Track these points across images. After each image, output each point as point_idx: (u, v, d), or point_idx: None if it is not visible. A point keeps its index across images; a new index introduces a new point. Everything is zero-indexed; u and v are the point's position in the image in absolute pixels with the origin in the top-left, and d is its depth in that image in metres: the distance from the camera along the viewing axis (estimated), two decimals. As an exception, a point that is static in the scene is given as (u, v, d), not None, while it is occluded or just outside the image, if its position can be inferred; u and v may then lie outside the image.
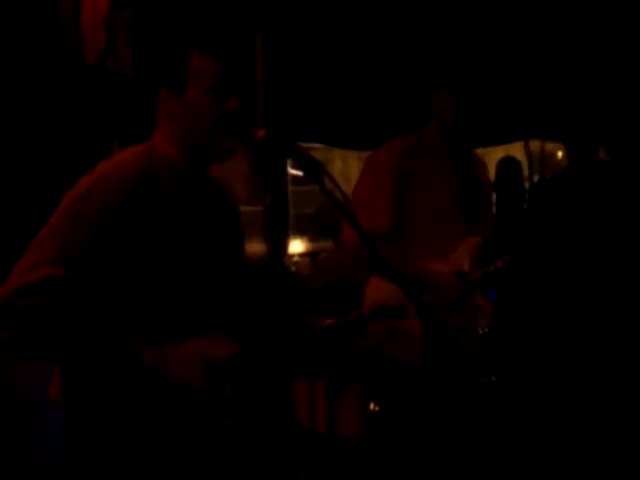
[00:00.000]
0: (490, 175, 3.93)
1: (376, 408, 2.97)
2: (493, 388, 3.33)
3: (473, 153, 3.34)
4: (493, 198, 4.85)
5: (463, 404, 3.00)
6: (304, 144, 4.73)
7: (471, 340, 3.13)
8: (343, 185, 2.01)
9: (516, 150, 6.72)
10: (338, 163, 8.47)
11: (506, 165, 5.25)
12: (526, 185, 5.76)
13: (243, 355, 2.00)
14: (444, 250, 3.06)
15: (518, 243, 3.17)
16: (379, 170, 3.11)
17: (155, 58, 2.20)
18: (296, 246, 5.71)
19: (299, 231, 6.57)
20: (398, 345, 2.92)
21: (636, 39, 5.05)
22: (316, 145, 5.66)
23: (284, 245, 5.44)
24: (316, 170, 1.97)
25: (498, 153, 6.25)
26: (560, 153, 7.54)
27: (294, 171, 5.90)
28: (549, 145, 7.09)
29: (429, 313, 1.95)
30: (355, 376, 3.09)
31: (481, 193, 3.31)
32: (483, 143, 5.41)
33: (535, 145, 6.98)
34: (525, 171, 6.13)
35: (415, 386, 2.97)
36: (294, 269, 5.49)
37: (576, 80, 5.20)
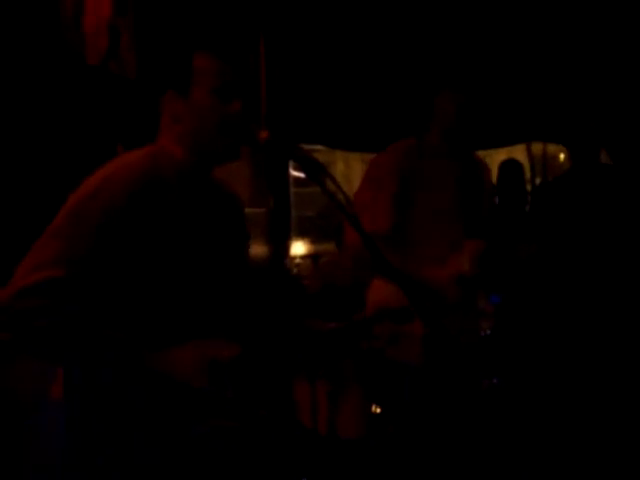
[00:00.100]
0: (492, 177, 3.93)
1: (377, 410, 2.96)
2: (494, 390, 3.34)
3: (475, 156, 3.34)
4: (496, 201, 4.85)
5: (464, 406, 3.00)
6: (306, 146, 4.75)
7: (472, 342, 3.14)
8: (345, 187, 2.01)
9: (518, 152, 6.72)
10: (340, 165, 8.49)
11: (508, 167, 5.24)
12: (528, 187, 5.74)
13: (245, 356, 2.00)
14: (445, 251, 3.06)
15: (518, 245, 3.18)
16: (381, 172, 3.12)
17: (160, 61, 2.21)
18: (298, 248, 5.70)
19: (301, 233, 6.58)
20: (399, 347, 2.92)
21: (637, 42, 5.05)
22: (318, 147, 5.68)
23: (286, 247, 5.45)
24: (318, 172, 1.98)
25: (500, 155, 6.25)
26: (562, 155, 7.54)
27: (296, 173, 5.92)
28: (551, 147, 7.09)
29: (430, 315, 1.96)
30: (356, 378, 3.09)
31: (483, 195, 3.31)
32: (485, 145, 5.42)
33: (537, 147, 6.98)
34: (527, 173, 6.13)
35: (416, 388, 2.97)
36: (296, 271, 5.48)
37: (578, 83, 5.21)
